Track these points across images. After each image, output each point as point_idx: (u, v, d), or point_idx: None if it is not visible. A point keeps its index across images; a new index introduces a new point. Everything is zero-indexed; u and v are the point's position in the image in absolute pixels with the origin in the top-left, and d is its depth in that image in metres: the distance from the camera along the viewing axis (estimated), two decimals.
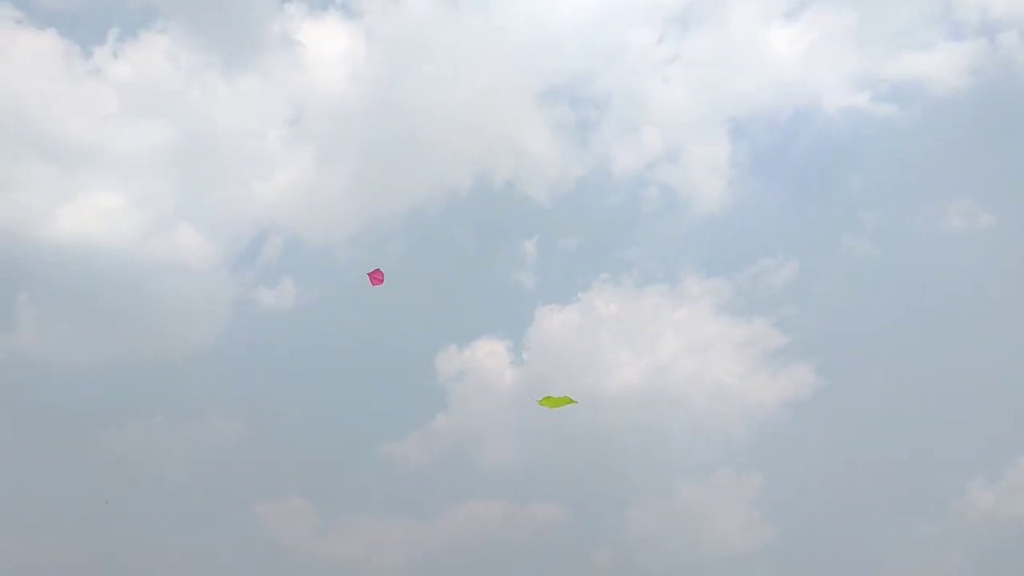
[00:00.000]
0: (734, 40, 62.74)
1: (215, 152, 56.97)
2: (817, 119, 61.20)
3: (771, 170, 61.52)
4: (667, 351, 54.62)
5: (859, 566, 46.07)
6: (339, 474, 49.93)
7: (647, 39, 62.75)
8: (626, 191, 59.90)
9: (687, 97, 62.12)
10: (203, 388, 50.93)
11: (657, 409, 53.05)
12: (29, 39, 55.31)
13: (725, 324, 55.59)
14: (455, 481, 51.17)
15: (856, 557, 46.25)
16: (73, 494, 44.44)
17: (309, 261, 56.98)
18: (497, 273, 58.49)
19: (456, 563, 48.60)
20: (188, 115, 56.75)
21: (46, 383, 49.46)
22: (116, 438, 48.97)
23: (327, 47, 60.03)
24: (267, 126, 58.38)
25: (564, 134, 60.20)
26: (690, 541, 49.73)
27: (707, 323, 55.68)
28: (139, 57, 57.31)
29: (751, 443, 51.96)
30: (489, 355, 54.90)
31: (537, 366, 54.94)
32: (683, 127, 61.08)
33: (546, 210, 57.51)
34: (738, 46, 62.66)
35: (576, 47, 61.51)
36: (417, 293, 54.95)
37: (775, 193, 60.40)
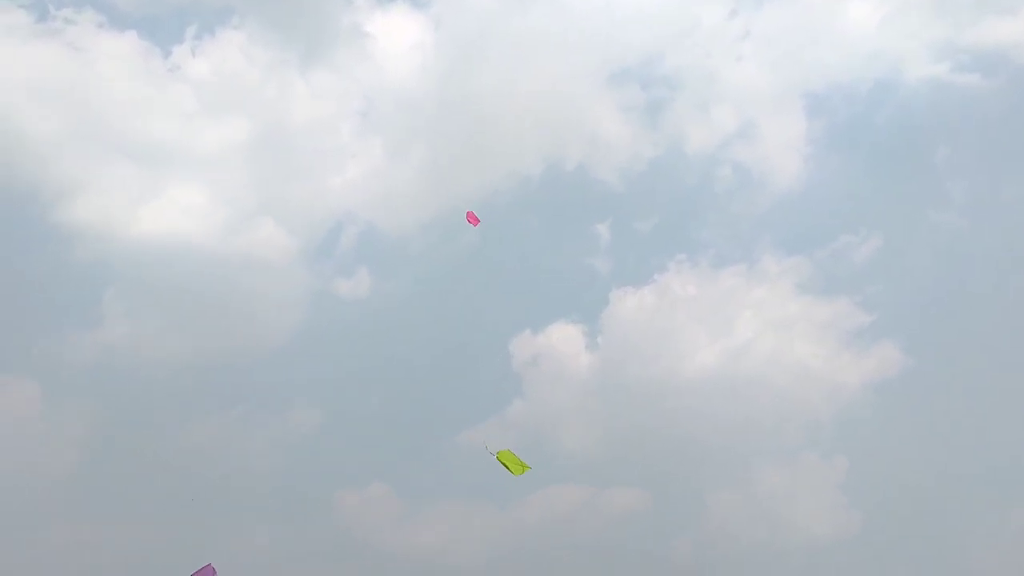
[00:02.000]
0: (808, 12, 61.06)
1: (291, 146, 57.83)
2: (897, 91, 59.19)
3: (850, 144, 59.75)
4: (746, 332, 53.61)
5: (950, 554, 44.59)
6: (419, 461, 50.33)
7: (718, 15, 61.49)
8: (700, 171, 58.89)
9: (760, 73, 60.70)
10: (284, 379, 51.84)
11: (736, 392, 52.10)
12: (111, 42, 56.84)
13: (806, 303, 54.28)
14: (535, 467, 50.82)
15: (947, 545, 44.77)
16: (161, 484, 45.70)
17: (384, 251, 57.48)
18: (570, 257, 58.14)
19: (536, 549, 48.56)
20: (264, 111, 57.70)
21: (134, 377, 50.93)
22: (201, 429, 50.21)
23: (396, 38, 60.35)
24: (340, 119, 59.01)
25: (635, 116, 59.40)
26: (773, 528, 48.76)
27: (787, 303, 54.45)
28: (216, 55, 58.46)
29: (836, 426, 50.67)
30: (564, 339, 54.64)
31: (613, 349, 54.50)
32: (757, 104, 59.72)
33: (618, 193, 56.91)
34: (813, 18, 60.96)
35: (645, 27, 60.60)
36: (490, 280, 54.97)
37: (855, 168, 58.65)
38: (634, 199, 57.75)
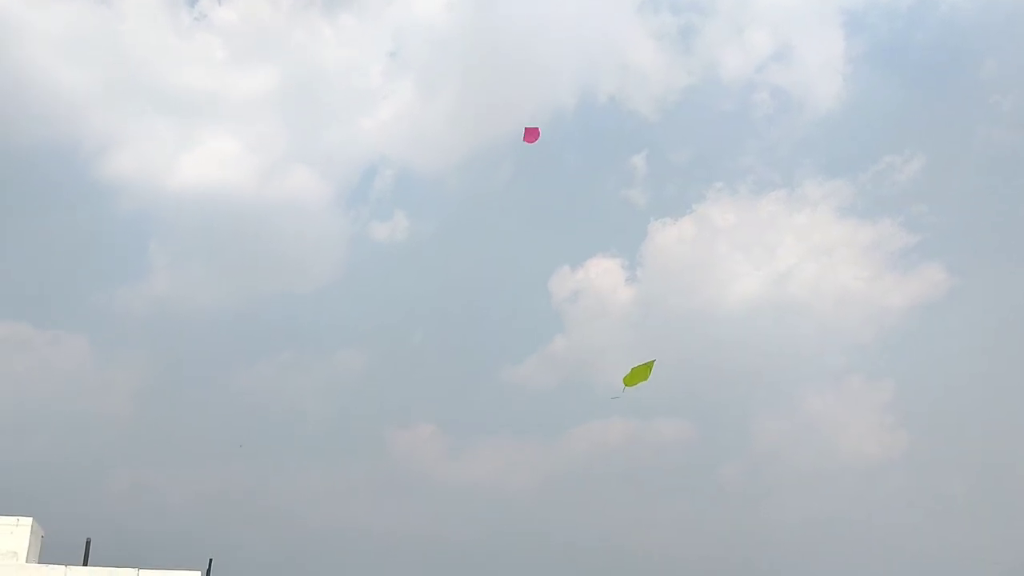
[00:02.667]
0: None
1: (321, 91, 57.63)
2: (939, 5, 57.32)
3: (891, 63, 58.16)
4: (788, 259, 53.14)
5: (999, 470, 44.52)
6: (464, 400, 50.98)
7: None
8: (736, 97, 57.80)
9: None
10: (327, 323, 52.57)
11: (779, 319, 51.81)
12: None
13: (849, 227, 53.56)
14: (578, 401, 51.50)
15: (995, 461, 44.66)
16: (213, 431, 46.87)
17: (419, 192, 57.50)
18: (607, 190, 57.69)
19: (583, 482, 49.24)
20: (292, 57, 57.43)
21: (182, 326, 51.95)
22: (249, 375, 51.24)
23: None
24: (369, 61, 58.57)
25: (667, 43, 58.22)
26: (820, 451, 48.92)
27: (829, 227, 53.75)
28: (241, 2, 58.06)
29: (881, 348, 50.35)
30: (603, 273, 54.58)
31: (653, 282, 54.36)
32: (792, 25, 58.14)
33: (653, 123, 56.14)
34: None
35: None
36: (527, 216, 54.90)
37: (897, 86, 57.17)
38: (669, 129, 56.96)
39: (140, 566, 18.23)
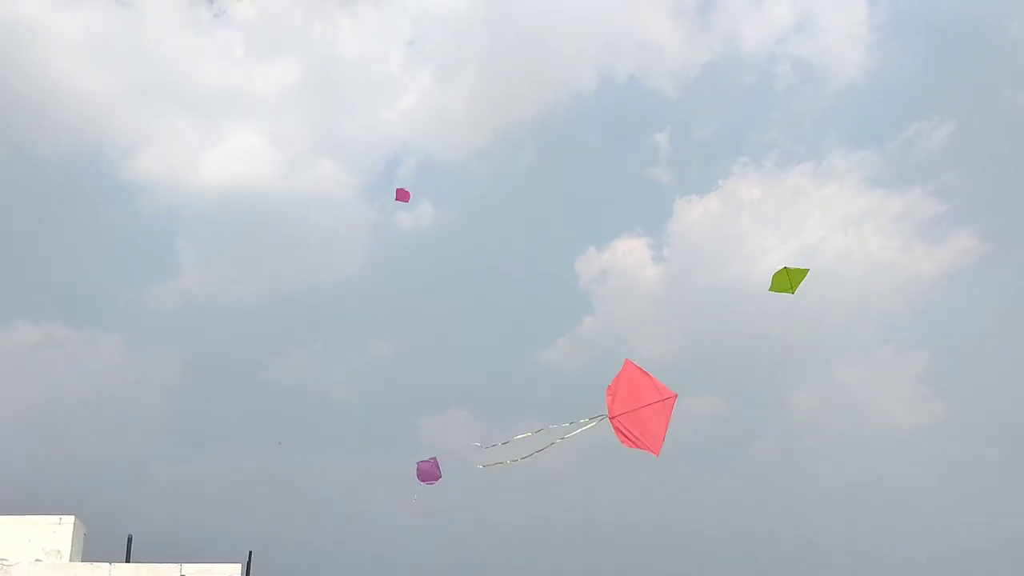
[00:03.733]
0: None
1: (341, 83, 57.76)
2: None
3: (915, 29, 57.18)
4: (815, 231, 52.68)
5: None
6: (496, 385, 51.15)
7: None
8: (758, 70, 57.18)
9: None
10: (356, 313, 52.91)
11: (808, 291, 51.19)
12: None
13: (877, 197, 52.96)
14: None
15: None
16: (248, 423, 47.42)
17: (442, 180, 57.53)
18: (630, 170, 57.41)
19: (619, 462, 49.19)
20: (311, 50, 57.56)
21: (213, 321, 52.50)
22: (282, 367, 51.70)
23: None
24: (387, 51, 58.56)
25: (685, 19, 57.66)
26: (855, 422, 48.62)
27: (857, 198, 53.18)
28: None
29: (913, 318, 49.85)
30: (629, 253, 54.41)
31: (680, 260, 54.10)
32: None
33: (674, 100, 55.72)
34: None
35: None
36: (551, 199, 54.82)
37: (921, 53, 56.26)
38: (691, 105, 56.53)
39: (182, 560, 18.52)
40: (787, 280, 15.55)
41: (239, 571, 19.79)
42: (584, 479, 48.51)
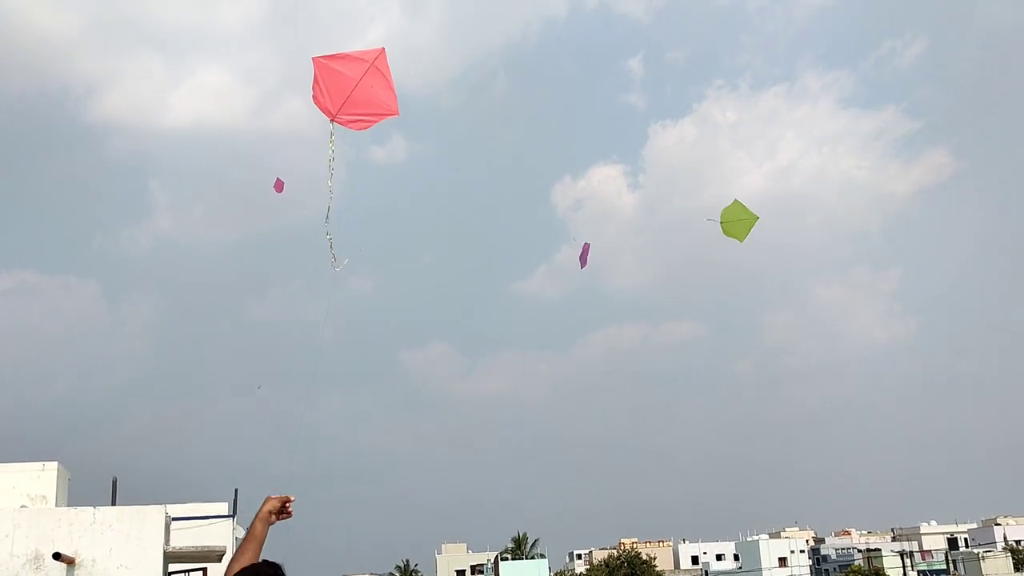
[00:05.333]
0: None
1: (308, 17, 56.62)
2: None
3: None
4: (790, 153, 52.78)
5: (1007, 349, 44.85)
6: (476, 317, 51.44)
7: None
8: None
9: None
10: (335, 249, 52.70)
11: (784, 213, 51.79)
12: None
13: (851, 117, 53.06)
14: (588, 310, 51.99)
15: (1003, 339, 44.95)
16: (229, 364, 47.48)
17: (415, 112, 56.96)
18: (604, 97, 57.07)
19: (600, 387, 49.98)
20: None
21: (189, 262, 52.21)
22: (262, 305, 51.59)
23: None
24: None
25: None
26: (830, 341, 49.46)
27: (831, 118, 53.23)
28: None
29: (887, 236, 50.43)
30: (605, 180, 54.45)
31: (656, 185, 54.10)
32: None
33: (647, 25, 55.09)
34: None
35: None
36: (525, 129, 54.35)
37: None
38: (664, 29, 55.96)
39: (168, 501, 18.61)
40: (738, 225, 15.38)
41: (225, 509, 19.94)
42: (563, 406, 49.14)
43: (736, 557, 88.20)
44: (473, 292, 47.75)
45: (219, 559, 15.81)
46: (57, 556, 13.04)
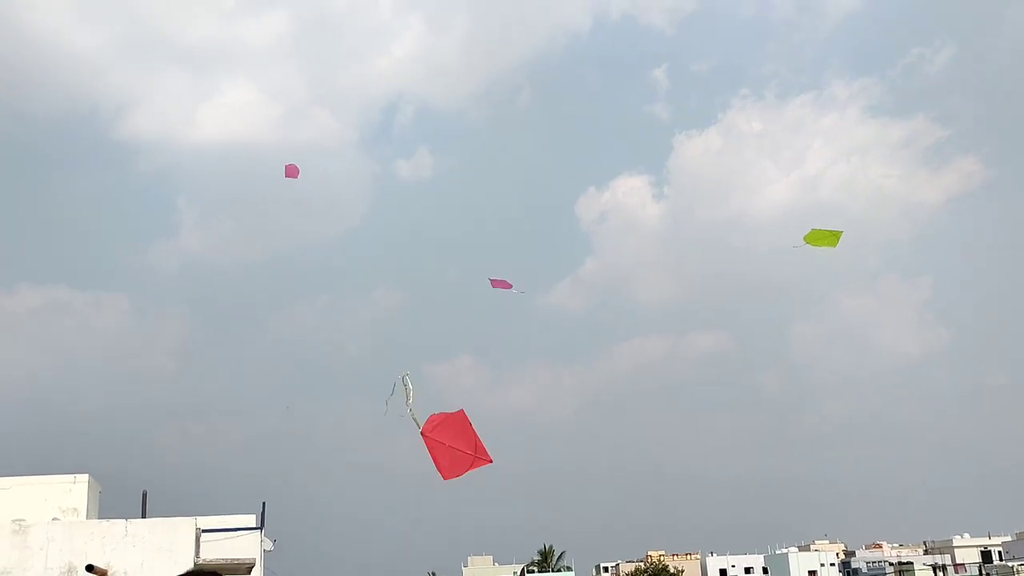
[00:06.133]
0: None
1: (333, 32, 57.15)
2: None
3: None
4: (817, 162, 52.47)
5: None
6: (501, 330, 51.49)
7: None
8: (754, 1, 56.25)
9: None
10: (361, 264, 53.01)
11: (811, 223, 51.23)
12: None
13: (879, 125, 52.63)
14: (613, 321, 51.87)
15: None
16: (256, 378, 47.82)
17: (440, 127, 57.23)
18: (629, 107, 57.10)
19: (625, 399, 49.78)
20: (302, 0, 56.77)
21: (218, 278, 52.67)
22: (288, 321, 51.96)
23: None
24: None
25: None
26: (858, 352, 49.00)
27: (858, 127, 52.85)
28: None
29: (916, 245, 49.94)
30: (629, 191, 54.34)
31: (681, 196, 53.95)
32: None
33: (671, 36, 55.02)
34: None
35: None
36: (549, 141, 54.45)
37: None
38: (688, 40, 55.92)
39: (197, 513, 18.75)
40: (828, 236, 15.38)
41: (253, 522, 20.07)
42: (589, 418, 49.03)
43: (765, 570, 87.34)
44: (497, 305, 48.34)
45: (248, 571, 15.90)
46: (90, 568, 13.19)
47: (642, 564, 78.39)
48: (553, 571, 75.47)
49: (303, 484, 41.32)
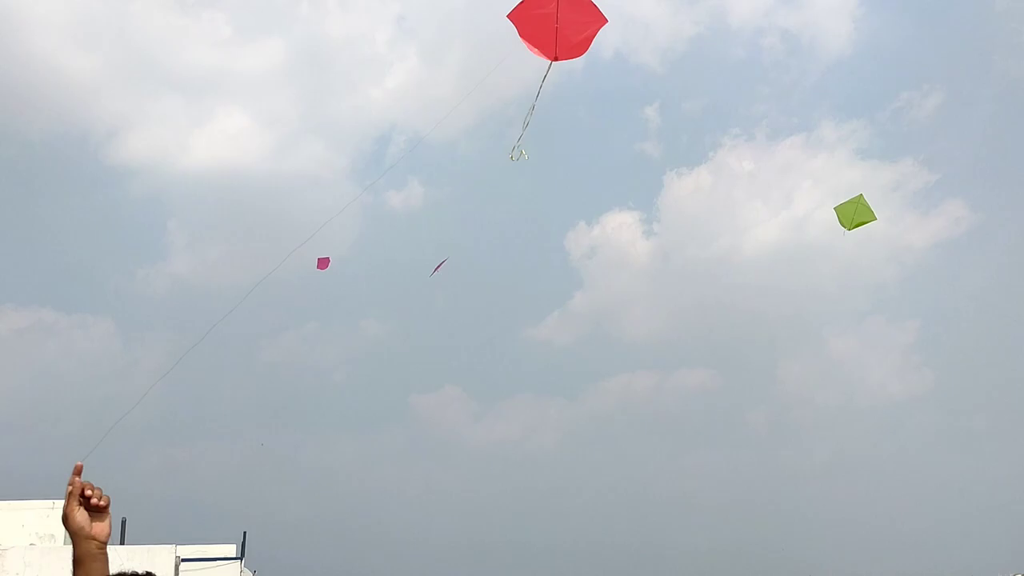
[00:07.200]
0: None
1: (328, 62, 57.37)
2: None
3: (903, 1, 56.99)
4: (806, 203, 52.68)
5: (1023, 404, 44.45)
6: (487, 362, 51.28)
7: None
8: (745, 43, 56.90)
9: None
10: (350, 293, 52.83)
11: (799, 264, 51.55)
12: None
13: (867, 168, 52.90)
14: (601, 356, 51.70)
15: (1020, 395, 44.57)
16: (241, 405, 47.48)
17: (432, 159, 57.27)
18: (620, 144, 57.29)
19: (610, 435, 49.55)
20: (298, 29, 57.12)
21: (205, 303, 52.31)
22: (275, 349, 51.68)
23: None
24: (374, 29, 58.09)
25: None
26: (845, 392, 48.94)
27: (847, 169, 53.13)
28: None
29: (903, 287, 50.06)
30: (619, 227, 54.35)
31: (671, 233, 54.07)
32: None
33: (662, 75, 55.40)
34: None
35: None
36: (540, 176, 54.65)
37: (910, 23, 56.13)
38: (679, 79, 56.27)
39: (177, 542, 18.60)
40: (852, 214, 15.35)
41: (234, 551, 19.90)
42: (575, 452, 48.87)
43: None
44: (485, 336, 48.38)
45: None
46: None
47: None
48: None
49: (286, 512, 40.93)
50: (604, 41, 55.96)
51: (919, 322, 49.17)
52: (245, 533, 20.70)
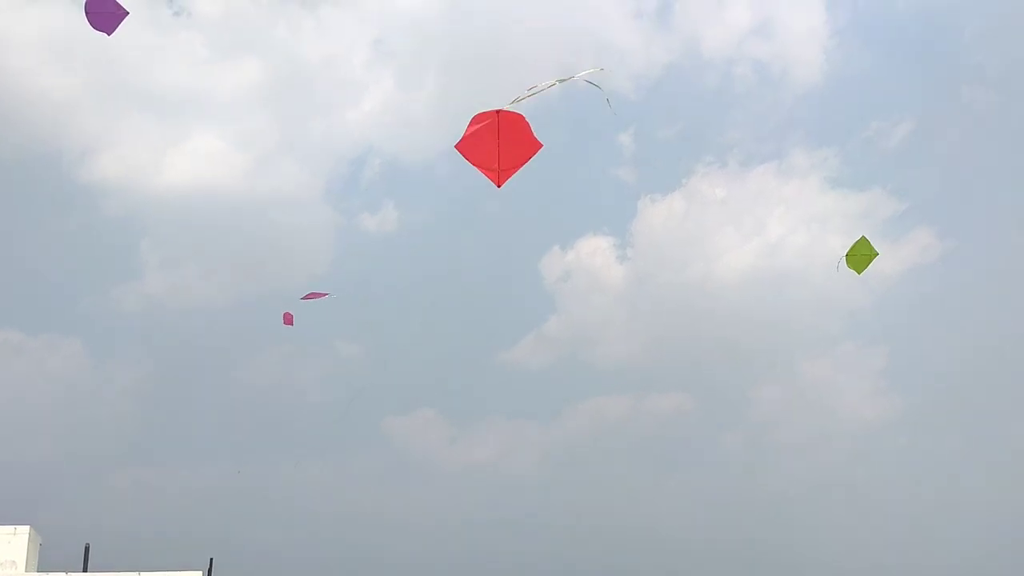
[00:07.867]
0: None
1: (305, 84, 57.36)
2: None
3: (873, 31, 57.94)
4: (778, 230, 53.20)
5: (994, 432, 44.92)
6: (462, 385, 51.13)
7: None
8: (719, 72, 57.57)
9: None
10: (324, 315, 52.40)
11: (772, 290, 51.96)
12: None
13: (838, 196, 53.56)
14: (575, 380, 51.69)
15: (990, 424, 45.07)
16: (213, 428, 46.98)
17: (407, 182, 57.31)
18: (595, 170, 57.63)
19: (585, 459, 49.48)
20: (275, 51, 57.13)
21: (177, 325, 51.86)
22: (248, 371, 51.26)
23: None
24: (351, 52, 58.26)
25: (644, 21, 57.97)
26: (818, 417, 49.26)
27: (819, 196, 53.78)
28: None
29: (875, 314, 50.56)
30: (593, 252, 54.56)
31: (645, 259, 54.36)
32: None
33: (636, 102, 55.85)
34: None
35: None
36: (515, 200, 54.78)
37: (880, 54, 57.07)
38: (653, 106, 56.81)
39: (140, 569, 18.31)
40: (860, 259, 15.81)
41: None
42: (550, 476, 48.74)
43: None
44: (459, 360, 48.21)
45: None
46: None
47: None
48: None
49: (256, 538, 40.41)
50: (579, 67, 56.34)
51: (889, 348, 49.71)
52: (212, 560, 20.42)
